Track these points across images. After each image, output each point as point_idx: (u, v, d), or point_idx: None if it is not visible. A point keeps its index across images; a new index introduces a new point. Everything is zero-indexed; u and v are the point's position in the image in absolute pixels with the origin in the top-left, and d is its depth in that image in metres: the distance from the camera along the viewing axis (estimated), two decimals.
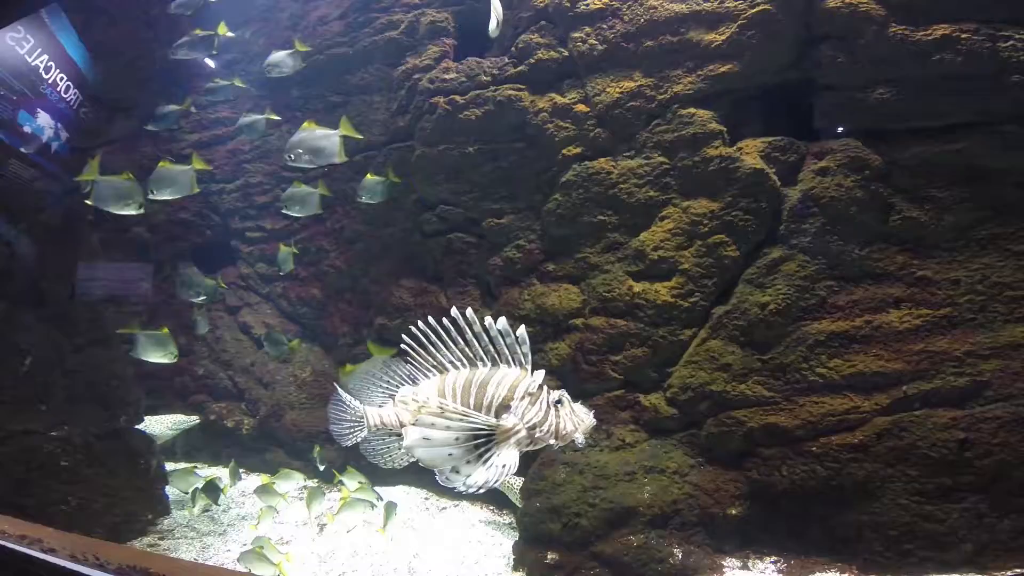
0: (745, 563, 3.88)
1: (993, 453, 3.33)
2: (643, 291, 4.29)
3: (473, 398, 2.09)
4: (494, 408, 2.08)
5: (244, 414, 5.89)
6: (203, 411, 5.97)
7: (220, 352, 6.17)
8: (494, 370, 2.11)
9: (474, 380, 2.11)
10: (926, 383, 3.46)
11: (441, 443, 2.02)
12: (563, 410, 2.09)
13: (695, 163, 4.20)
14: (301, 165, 4.73)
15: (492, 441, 2.06)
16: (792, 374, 3.74)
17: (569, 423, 2.08)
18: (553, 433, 2.07)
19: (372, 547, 4.44)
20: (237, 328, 6.33)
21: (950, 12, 3.59)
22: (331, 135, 4.62)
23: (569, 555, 3.87)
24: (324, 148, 4.59)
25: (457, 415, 2.02)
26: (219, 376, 6.12)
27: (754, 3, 4.05)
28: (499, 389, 2.08)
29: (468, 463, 2.04)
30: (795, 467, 3.71)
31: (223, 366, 6.14)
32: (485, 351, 2.11)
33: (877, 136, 3.78)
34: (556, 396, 2.10)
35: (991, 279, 3.44)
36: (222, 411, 5.93)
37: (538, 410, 2.06)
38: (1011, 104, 3.46)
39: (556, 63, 4.78)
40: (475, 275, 5.24)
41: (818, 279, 3.75)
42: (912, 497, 3.45)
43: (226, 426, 5.80)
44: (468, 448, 2.03)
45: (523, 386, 2.07)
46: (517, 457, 2.05)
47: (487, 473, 1.99)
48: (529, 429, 2.06)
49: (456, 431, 2.02)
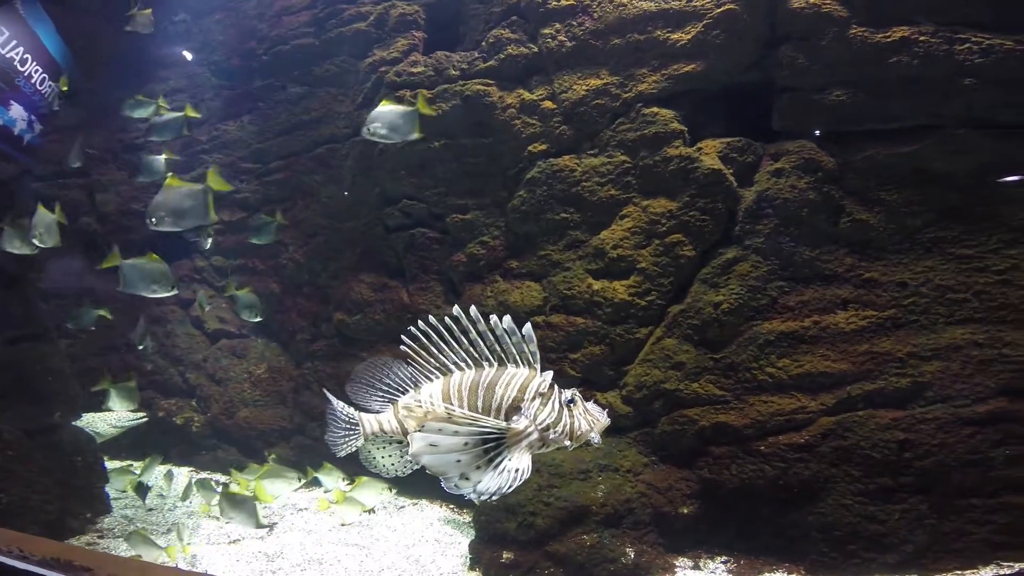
0: (696, 563, 4.04)
1: (932, 454, 3.53)
2: (602, 289, 4.46)
3: (481, 400, 2.06)
4: (503, 410, 2.05)
5: (194, 411, 5.92)
6: (152, 408, 5.99)
7: (171, 348, 6.19)
8: (501, 370, 2.08)
9: (481, 381, 2.08)
10: (870, 384, 3.66)
11: (449, 449, 1.98)
12: (576, 409, 2.05)
13: (656, 162, 4.38)
14: (167, 229, 4.15)
15: (503, 445, 2.02)
16: (743, 373, 3.92)
17: (583, 423, 2.05)
18: (568, 434, 2.04)
19: (322, 547, 4.53)
20: (189, 323, 6.37)
21: (911, 13, 3.76)
22: (196, 191, 4.09)
23: (524, 554, 3.98)
24: (189, 209, 4.07)
25: (466, 420, 1.98)
26: (169, 372, 6.14)
27: (720, 2, 4.22)
28: (508, 390, 2.05)
29: (478, 469, 1.99)
30: (744, 466, 3.89)
31: (173, 362, 6.16)
32: (491, 351, 2.09)
33: (832, 138, 3.99)
34: (568, 395, 2.08)
35: (934, 282, 3.66)
36: (171, 408, 5.95)
37: (551, 411, 2.03)
38: (963, 108, 3.68)
39: (525, 59, 4.94)
40: (438, 271, 5.35)
41: (770, 280, 3.94)
42: (855, 498, 3.64)
43: (175, 423, 5.83)
44: (477, 454, 1.99)
45: (533, 386, 2.04)
46: (530, 461, 2.01)
47: (499, 479, 1.95)
48: (542, 431, 2.03)
49: (465, 436, 1.98)
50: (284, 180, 6.17)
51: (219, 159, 6.56)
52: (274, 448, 5.60)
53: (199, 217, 4.11)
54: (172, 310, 6.43)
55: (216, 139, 6.67)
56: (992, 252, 3.59)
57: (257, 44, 6.41)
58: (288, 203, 6.00)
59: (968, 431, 3.49)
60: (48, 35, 4.88)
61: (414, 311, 5.35)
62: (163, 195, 4.11)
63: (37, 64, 4.78)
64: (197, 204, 4.09)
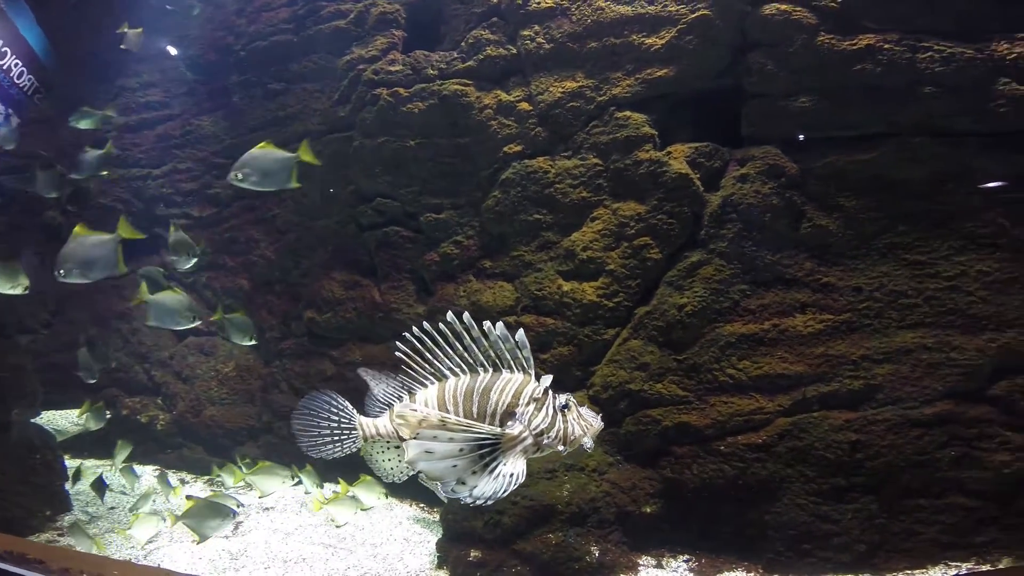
0: (659, 561, 4.22)
1: (882, 455, 3.73)
2: (571, 290, 4.63)
3: (476, 406, 2.14)
4: (498, 415, 2.13)
5: (159, 409, 6.01)
6: (115, 406, 6.07)
7: (136, 344, 6.27)
8: (496, 376, 2.15)
9: (476, 387, 2.15)
10: (825, 385, 3.85)
11: (444, 455, 2.04)
12: (570, 415, 2.14)
13: (626, 166, 4.57)
14: (74, 281, 4.11)
15: (498, 450, 2.09)
16: (704, 374, 4.10)
17: (577, 428, 2.13)
18: (561, 439, 2.12)
19: (287, 545, 4.65)
20: None
21: (877, 21, 3.94)
22: (106, 241, 4.07)
23: (491, 553, 4.11)
24: (99, 259, 4.02)
25: (460, 427, 2.05)
26: (133, 369, 6.21)
27: (695, 8, 4.39)
28: (503, 396, 2.13)
29: (474, 474, 2.06)
30: (705, 466, 4.07)
31: (138, 359, 6.23)
32: (485, 356, 2.16)
33: (796, 144, 4.18)
34: (563, 400, 2.15)
35: (888, 287, 3.87)
36: (135, 406, 6.02)
37: (545, 416, 2.10)
38: (921, 116, 3.88)
39: (504, 60, 5.10)
40: (411, 270, 5.50)
41: (732, 283, 4.13)
42: (810, 497, 3.83)
43: (139, 422, 5.91)
44: (473, 459, 2.06)
45: (528, 392, 2.12)
46: (524, 466, 2.09)
47: (495, 484, 2.03)
48: (536, 436, 2.10)
49: (460, 442, 2.05)
50: None
51: (191, 154, 6.68)
52: (242, 447, 5.71)
53: (108, 267, 4.03)
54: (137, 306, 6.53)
55: (189, 134, 6.75)
56: (943, 259, 3.81)
57: (235, 40, 6.51)
58: (260, 199, 6.12)
59: (916, 433, 3.70)
60: (28, 28, 4.96)
61: (386, 310, 5.50)
62: (72, 245, 4.07)
63: (16, 57, 4.86)
64: (107, 254, 4.02)
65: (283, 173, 4.10)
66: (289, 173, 4.11)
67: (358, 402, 2.54)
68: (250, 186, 4.09)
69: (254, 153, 4.10)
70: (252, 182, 4.06)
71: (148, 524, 4.48)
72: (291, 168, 4.12)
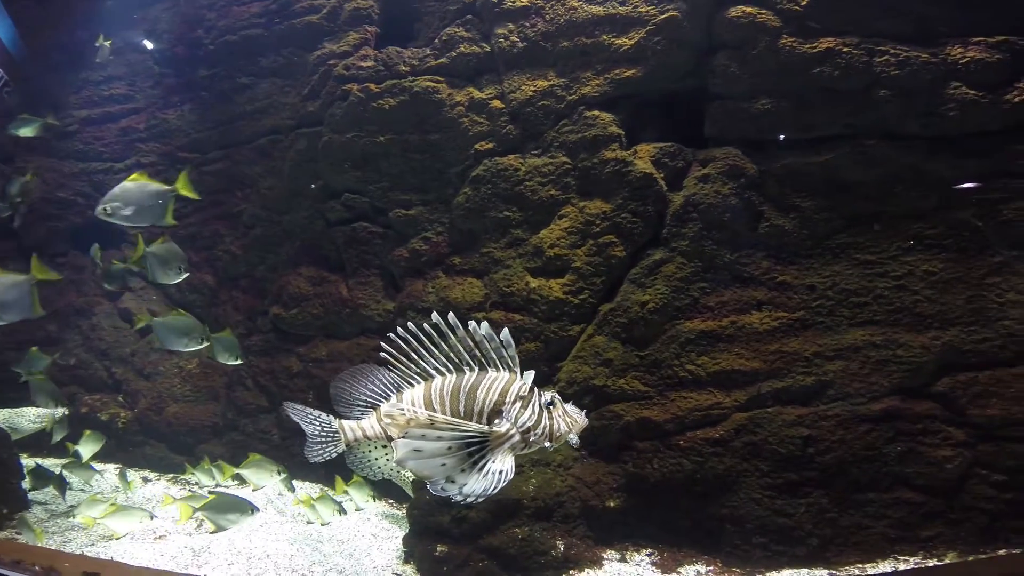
0: (623, 555, 4.40)
1: (833, 450, 3.94)
2: (539, 287, 4.80)
3: (463, 405, 2.23)
4: (485, 413, 2.22)
5: (120, 407, 6.08)
6: (75, 403, 6.11)
7: (96, 341, 6.30)
8: (482, 375, 2.25)
9: (462, 386, 2.25)
10: (779, 381, 4.05)
11: (433, 454, 2.12)
12: (556, 412, 2.26)
13: (593, 164, 4.75)
14: None
15: (486, 448, 2.18)
16: (665, 370, 4.28)
17: (563, 424, 2.26)
18: (547, 435, 2.24)
19: (251, 542, 4.76)
20: (116, 315, 6.46)
21: (838, 25, 4.13)
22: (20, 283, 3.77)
23: (457, 547, 4.24)
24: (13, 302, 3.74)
25: (448, 426, 2.13)
26: (94, 366, 6.24)
27: (664, 9, 4.57)
28: (490, 394, 2.22)
29: (463, 472, 2.14)
30: (665, 460, 4.27)
31: (99, 355, 6.26)
32: (471, 356, 2.25)
33: (756, 145, 4.37)
34: (548, 398, 2.27)
35: (840, 286, 4.09)
36: (95, 404, 6.07)
37: (531, 413, 2.21)
38: (875, 119, 4.10)
39: (477, 58, 5.24)
40: (379, 265, 5.63)
41: (693, 281, 4.32)
42: (765, 491, 4.03)
43: (100, 419, 5.96)
44: (461, 457, 2.14)
45: (514, 390, 2.22)
46: (513, 462, 2.20)
47: (484, 481, 2.13)
48: (523, 433, 2.21)
49: (448, 441, 2.13)
50: (223, 170, 6.33)
51: (156, 148, 6.75)
52: (206, 445, 5.79)
53: (22, 310, 3.81)
54: (98, 301, 6.52)
55: (154, 128, 6.77)
56: (891, 259, 4.04)
57: (204, 33, 6.56)
58: (226, 194, 6.22)
59: (864, 428, 3.91)
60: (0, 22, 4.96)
61: (353, 305, 5.63)
62: None
63: None
64: (21, 296, 3.79)
65: (158, 207, 3.88)
66: (165, 207, 3.89)
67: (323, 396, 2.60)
68: (120, 221, 3.86)
69: (126, 185, 3.87)
70: (122, 217, 3.84)
71: (130, 518, 4.58)
72: (168, 201, 3.91)
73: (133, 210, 3.81)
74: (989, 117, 3.95)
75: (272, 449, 5.89)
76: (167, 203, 3.91)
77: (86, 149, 6.99)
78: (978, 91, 3.95)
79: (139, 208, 3.83)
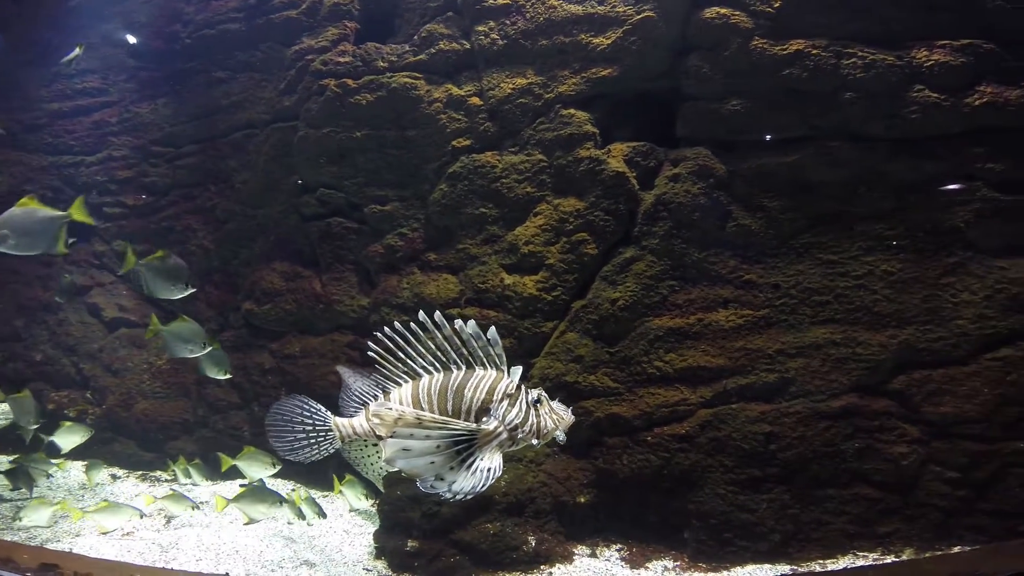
0: (594, 551, 4.54)
1: (794, 446, 4.11)
2: (513, 284, 4.94)
3: (451, 403, 2.30)
4: (473, 412, 2.30)
5: (88, 403, 6.15)
6: (42, 400, 6.15)
7: (63, 336, 6.35)
8: (469, 373, 2.32)
9: (450, 384, 2.32)
10: (743, 378, 4.22)
11: (421, 452, 2.21)
12: (542, 409, 2.34)
13: (568, 162, 4.90)
14: None
15: (474, 446, 2.27)
16: (634, 366, 4.43)
17: (550, 421, 2.34)
18: (535, 433, 2.32)
19: (220, 538, 4.87)
20: (85, 310, 6.51)
21: (809, 27, 4.28)
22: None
23: (429, 543, 4.36)
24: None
25: (436, 424, 2.21)
26: (61, 362, 6.27)
27: (640, 9, 4.72)
28: (477, 392, 2.30)
29: (452, 469, 2.22)
30: (634, 456, 4.44)
31: (66, 351, 6.30)
32: (458, 354, 2.33)
33: (726, 146, 4.53)
34: (535, 395, 2.35)
35: (803, 285, 4.27)
36: (63, 400, 6.12)
37: (518, 411, 2.29)
38: (840, 120, 4.27)
39: (457, 54, 5.35)
40: (353, 261, 5.74)
41: (662, 279, 4.48)
42: (728, 487, 4.19)
43: (67, 416, 6.03)
44: (450, 455, 2.23)
45: (501, 388, 2.30)
46: (501, 460, 2.27)
47: (473, 479, 2.20)
48: (511, 431, 2.29)
49: (436, 439, 2.21)
50: (196, 165, 6.39)
51: (128, 141, 6.82)
52: (176, 442, 5.88)
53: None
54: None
55: (127, 121, 6.80)
56: (852, 259, 4.22)
57: (182, 27, 6.62)
58: (199, 188, 6.32)
59: (824, 425, 4.08)
60: None
61: (327, 301, 5.75)
62: None
63: None
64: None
65: (48, 235, 3.72)
66: (56, 234, 3.71)
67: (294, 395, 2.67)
68: (7, 250, 3.69)
69: (14, 212, 3.70)
70: (9, 245, 3.67)
71: (119, 515, 4.70)
72: (59, 228, 3.73)
73: (20, 238, 3.64)
74: (950, 120, 4.15)
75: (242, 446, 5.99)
76: (58, 230, 3.72)
77: (56, 143, 7.01)
78: (940, 94, 4.14)
79: (27, 236, 3.66)
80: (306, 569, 4.43)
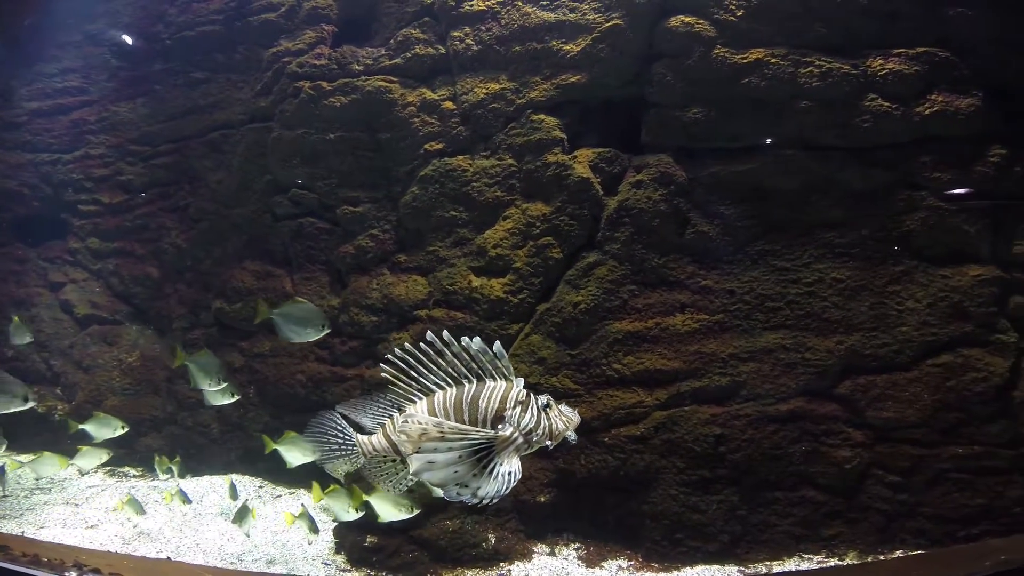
0: (552, 549, 4.79)
1: (742, 448, 4.39)
2: (481, 286, 5.27)
3: (467, 414, 2.54)
4: (489, 420, 2.53)
5: (58, 399, 6.50)
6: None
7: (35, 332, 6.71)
8: (481, 385, 2.57)
9: (464, 397, 2.56)
10: (696, 381, 4.50)
11: (446, 463, 2.45)
12: (552, 412, 2.59)
13: (537, 167, 5.21)
14: None
15: (493, 452, 2.51)
16: (594, 369, 4.71)
17: (560, 423, 2.60)
18: (548, 435, 2.58)
19: (182, 532, 5.20)
20: (57, 306, 6.83)
21: (770, 36, 4.55)
22: None
23: (387, 539, 4.60)
24: None
25: (457, 434, 2.46)
26: (31, 358, 6.63)
27: (609, 17, 5.01)
28: (491, 402, 2.54)
29: (475, 476, 2.47)
30: (592, 457, 4.75)
31: (37, 347, 6.58)
32: (468, 368, 2.58)
33: (686, 153, 4.82)
34: (543, 400, 2.60)
35: (756, 291, 4.56)
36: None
37: (531, 416, 2.54)
38: (795, 129, 4.54)
39: (432, 59, 5.65)
40: (325, 261, 6.06)
41: (623, 283, 4.76)
42: (680, 488, 4.47)
43: (36, 412, 6.37)
44: (472, 463, 2.48)
45: (513, 396, 2.55)
46: (519, 463, 2.53)
47: (496, 483, 2.45)
48: (525, 435, 2.55)
49: (458, 449, 2.46)
50: (172, 164, 6.70)
51: (105, 140, 7.19)
52: (145, 438, 6.21)
53: None
54: (39, 292, 6.87)
55: (105, 120, 7.12)
56: (804, 266, 4.53)
57: (163, 28, 6.94)
58: (174, 187, 6.69)
59: (772, 428, 4.36)
60: None
61: None
62: None
63: None
64: None
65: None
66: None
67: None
68: None
69: None
70: None
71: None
72: None
73: None
74: (900, 129, 4.43)
75: (211, 443, 6.32)
76: None
77: (34, 140, 7.33)
78: (892, 103, 4.42)
79: None
80: (265, 563, 4.75)
